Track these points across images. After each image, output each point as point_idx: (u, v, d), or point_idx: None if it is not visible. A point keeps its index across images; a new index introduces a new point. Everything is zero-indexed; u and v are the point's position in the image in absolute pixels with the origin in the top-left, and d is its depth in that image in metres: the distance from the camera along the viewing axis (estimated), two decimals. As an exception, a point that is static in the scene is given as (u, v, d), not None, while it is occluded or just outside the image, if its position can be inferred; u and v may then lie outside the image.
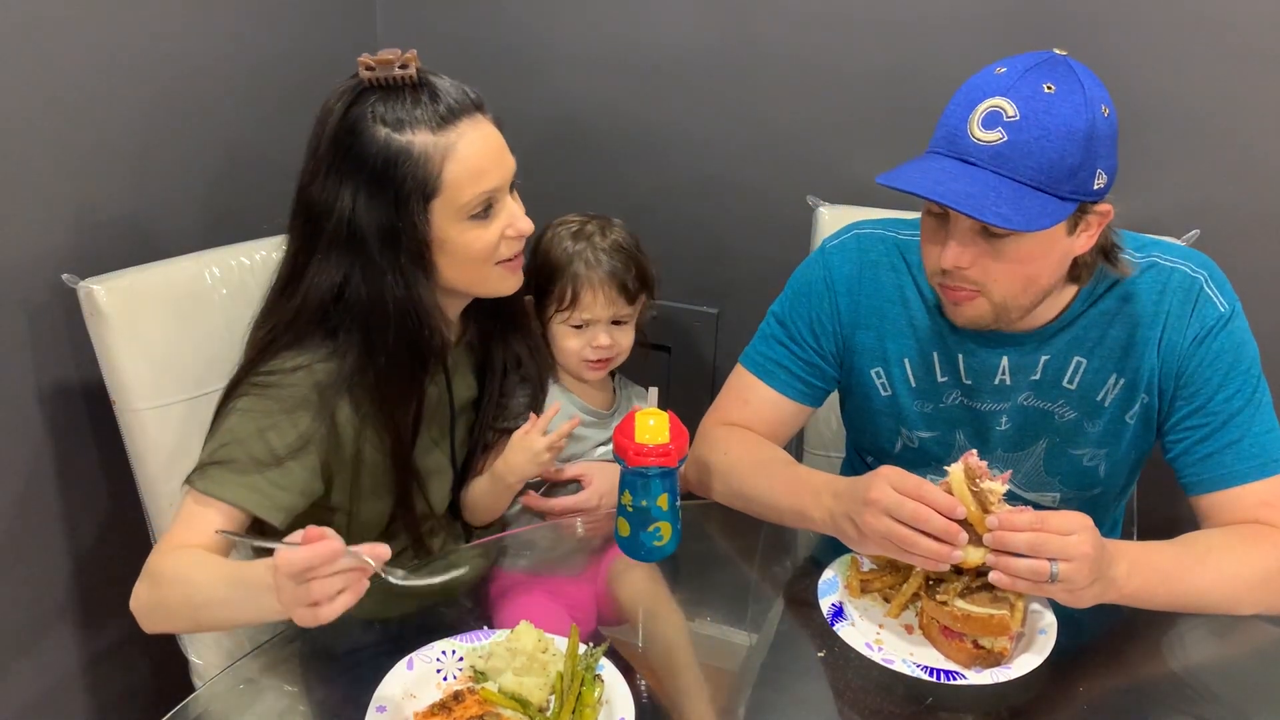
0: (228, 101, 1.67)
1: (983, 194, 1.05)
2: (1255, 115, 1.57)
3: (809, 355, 1.34)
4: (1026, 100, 1.05)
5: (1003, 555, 1.01)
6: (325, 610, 0.90)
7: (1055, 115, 1.05)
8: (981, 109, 1.07)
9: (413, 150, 1.14)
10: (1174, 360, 1.21)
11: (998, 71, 1.09)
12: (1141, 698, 1.10)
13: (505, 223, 1.22)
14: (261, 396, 1.15)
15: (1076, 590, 1.02)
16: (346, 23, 1.92)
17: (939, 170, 1.08)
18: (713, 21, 1.80)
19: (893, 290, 1.30)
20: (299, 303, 1.19)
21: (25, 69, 1.35)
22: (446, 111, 1.15)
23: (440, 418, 1.34)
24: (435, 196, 1.15)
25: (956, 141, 1.09)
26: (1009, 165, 1.06)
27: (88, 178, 1.46)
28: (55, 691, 1.55)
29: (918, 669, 1.03)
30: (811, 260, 1.36)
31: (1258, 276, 1.61)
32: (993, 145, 1.06)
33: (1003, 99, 1.06)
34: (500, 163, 1.21)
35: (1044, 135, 1.05)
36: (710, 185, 1.90)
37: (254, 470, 1.13)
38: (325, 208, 1.16)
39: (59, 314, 1.43)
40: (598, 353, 1.48)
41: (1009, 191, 1.05)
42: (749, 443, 1.33)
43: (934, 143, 1.12)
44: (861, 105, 1.76)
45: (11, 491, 1.43)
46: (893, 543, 1.05)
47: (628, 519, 1.17)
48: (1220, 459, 1.19)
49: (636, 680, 1.03)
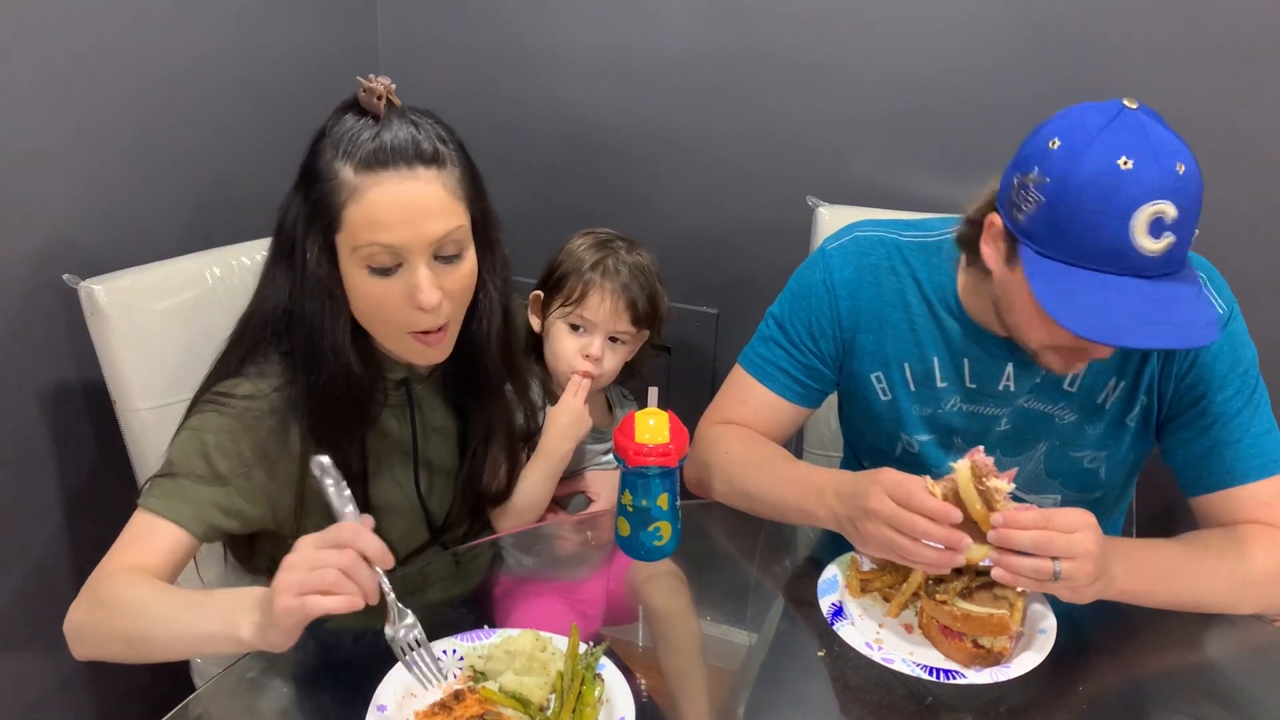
0: (228, 101, 1.67)
1: (1196, 313, 1.02)
2: (1255, 115, 1.57)
3: (807, 358, 1.33)
4: (1177, 194, 0.99)
5: (1006, 553, 1.01)
6: (312, 601, 0.89)
7: (1194, 192, 1.01)
8: (1143, 219, 0.99)
9: (335, 177, 1.10)
10: (1173, 362, 1.21)
11: (1124, 166, 1.00)
12: (1141, 698, 1.10)
13: (409, 289, 1.11)
14: (215, 414, 1.14)
15: (1079, 588, 1.03)
16: (347, 23, 1.92)
17: (1142, 307, 1.01)
18: (713, 22, 1.80)
19: (893, 294, 1.29)
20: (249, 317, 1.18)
21: (25, 69, 1.35)
22: (379, 153, 1.09)
23: (400, 454, 1.29)
24: (337, 231, 1.11)
25: (1123, 259, 1.01)
26: (1179, 262, 1.03)
27: (88, 178, 1.46)
28: (56, 691, 1.55)
29: (917, 668, 1.03)
30: (811, 262, 1.35)
31: (1258, 276, 1.61)
32: (1165, 253, 1.01)
33: (1160, 203, 0.99)
34: (413, 223, 1.09)
35: (1194, 216, 1.02)
36: (710, 185, 1.90)
37: (196, 490, 1.11)
38: (281, 214, 1.16)
39: (59, 314, 1.43)
40: (587, 362, 1.47)
41: (1194, 292, 1.03)
42: (749, 441, 1.33)
43: (1089, 259, 1.02)
44: (861, 105, 1.76)
45: (11, 491, 1.43)
46: (893, 552, 1.06)
47: (628, 519, 1.17)
48: (1220, 460, 1.19)
49: (636, 680, 1.03)
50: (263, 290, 1.19)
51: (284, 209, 1.17)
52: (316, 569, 0.91)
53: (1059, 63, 1.63)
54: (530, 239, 1.55)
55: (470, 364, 1.27)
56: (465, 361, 1.26)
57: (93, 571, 1.09)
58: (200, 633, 0.99)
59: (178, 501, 1.11)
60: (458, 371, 1.27)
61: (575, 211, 2.00)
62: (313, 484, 1.19)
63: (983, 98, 1.69)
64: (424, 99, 2.13)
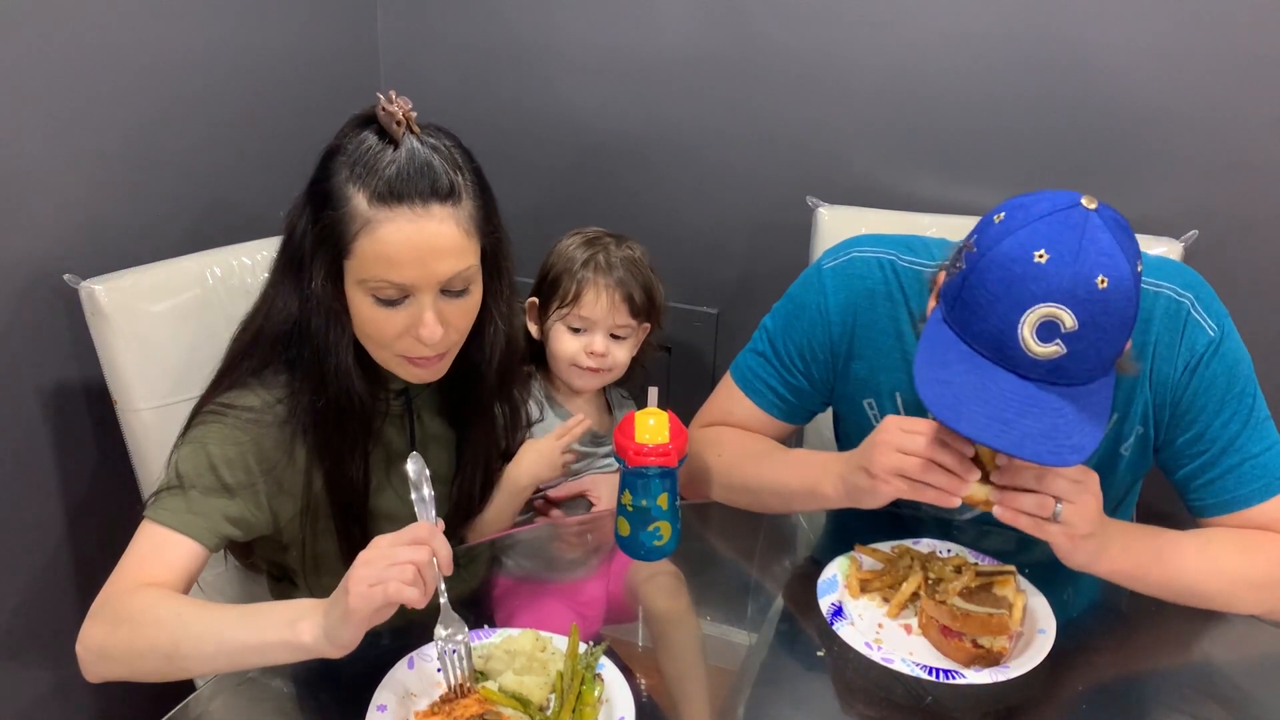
0: (228, 101, 1.67)
1: (1056, 428, 0.97)
2: (1255, 115, 1.57)
3: (796, 380, 1.32)
4: (1083, 305, 0.94)
5: (1008, 490, 1.02)
6: (395, 587, 0.90)
7: (1111, 314, 0.95)
8: (1034, 318, 0.96)
9: (348, 204, 1.08)
10: (1166, 391, 1.18)
11: (1039, 260, 0.95)
12: (1141, 698, 1.10)
13: (412, 320, 1.11)
14: (220, 425, 1.14)
15: (1075, 536, 1.03)
16: (347, 22, 1.92)
17: (1000, 401, 0.98)
18: (713, 22, 1.80)
19: (887, 322, 1.26)
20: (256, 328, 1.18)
21: (25, 69, 1.35)
22: (395, 185, 1.07)
23: (399, 461, 1.26)
24: (346, 258, 1.10)
25: (1005, 352, 0.98)
26: (1067, 375, 0.98)
27: (88, 178, 1.46)
28: (56, 691, 1.55)
29: (917, 668, 1.04)
30: (808, 281, 1.32)
31: (1258, 277, 1.61)
32: (1050, 360, 0.96)
33: (1059, 309, 0.95)
34: (425, 263, 1.08)
35: (1102, 337, 0.96)
36: (710, 185, 1.90)
37: (206, 502, 1.11)
38: (289, 224, 1.16)
39: (59, 314, 1.43)
40: (592, 359, 1.47)
41: (1072, 410, 0.98)
42: (740, 438, 1.33)
43: (969, 335, 1.01)
44: (861, 105, 1.76)
45: (12, 491, 1.43)
46: (905, 478, 1.05)
47: (628, 518, 1.17)
48: (1224, 484, 1.17)
49: (636, 680, 1.03)
50: (270, 300, 1.18)
51: (292, 219, 1.16)
52: (395, 564, 0.92)
53: (1059, 63, 1.63)
54: (530, 239, 1.54)
55: (468, 383, 1.26)
56: (463, 380, 1.25)
57: (103, 587, 1.07)
58: (252, 643, 0.97)
59: (188, 514, 1.10)
60: (455, 387, 1.27)
61: (575, 211, 2.00)
62: (316, 493, 1.20)
63: (983, 98, 1.69)
64: (424, 99, 2.13)
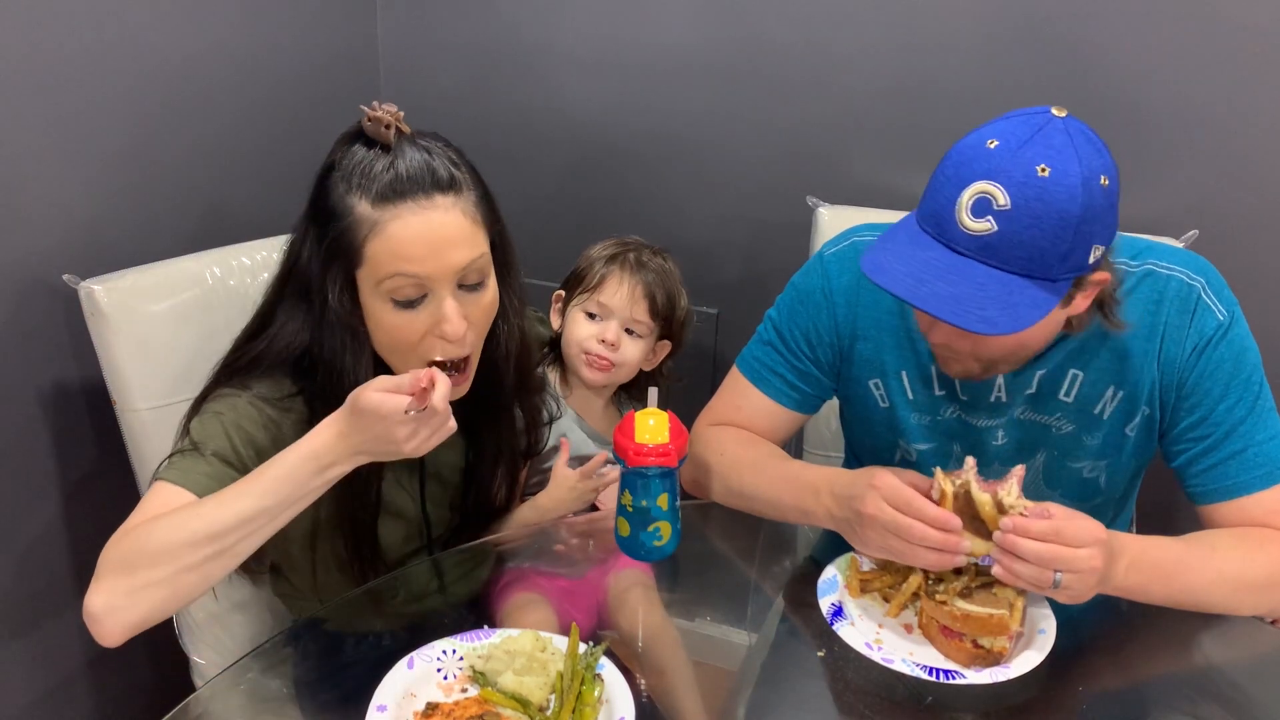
0: (228, 101, 1.67)
1: (969, 295, 1.00)
2: (1255, 115, 1.57)
3: (804, 365, 1.33)
4: (1019, 187, 0.98)
5: (1009, 555, 1.02)
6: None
7: (1048, 203, 0.98)
8: (970, 193, 1.00)
9: (351, 213, 1.08)
10: (1174, 372, 1.19)
11: (989, 145, 1.01)
12: (1141, 698, 1.10)
13: (434, 319, 1.11)
14: (235, 399, 1.13)
15: (1076, 597, 1.04)
16: (347, 23, 1.92)
17: (923, 265, 1.03)
18: (713, 22, 1.80)
19: (891, 301, 1.27)
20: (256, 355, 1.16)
21: (25, 69, 1.35)
22: (395, 184, 1.07)
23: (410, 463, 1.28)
24: (358, 267, 1.10)
25: (944, 226, 1.03)
26: (998, 256, 1.00)
27: (88, 178, 1.46)
28: (56, 691, 1.55)
29: (917, 668, 1.04)
30: (810, 268, 1.34)
31: (1258, 277, 1.61)
32: (981, 236, 1.00)
33: (993, 185, 0.99)
34: (439, 254, 1.08)
35: (1035, 224, 0.98)
36: (710, 185, 1.90)
37: (217, 465, 1.09)
38: (291, 254, 1.15)
39: (59, 314, 1.43)
40: (603, 348, 1.47)
41: (996, 288, 1.00)
42: (744, 441, 1.33)
43: (920, 217, 1.07)
44: (861, 105, 1.76)
45: (11, 491, 1.43)
46: (891, 555, 1.07)
47: (628, 519, 1.17)
48: (1225, 470, 1.18)
49: (636, 680, 1.03)
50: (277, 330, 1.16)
51: (294, 247, 1.15)
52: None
53: (1059, 63, 1.63)
54: (530, 239, 1.54)
55: (485, 387, 1.25)
56: (481, 385, 1.24)
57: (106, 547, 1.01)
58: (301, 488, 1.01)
59: (198, 474, 1.08)
60: (472, 391, 1.26)
61: (575, 211, 2.00)
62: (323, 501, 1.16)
63: (983, 98, 1.68)
64: (424, 98, 2.13)
